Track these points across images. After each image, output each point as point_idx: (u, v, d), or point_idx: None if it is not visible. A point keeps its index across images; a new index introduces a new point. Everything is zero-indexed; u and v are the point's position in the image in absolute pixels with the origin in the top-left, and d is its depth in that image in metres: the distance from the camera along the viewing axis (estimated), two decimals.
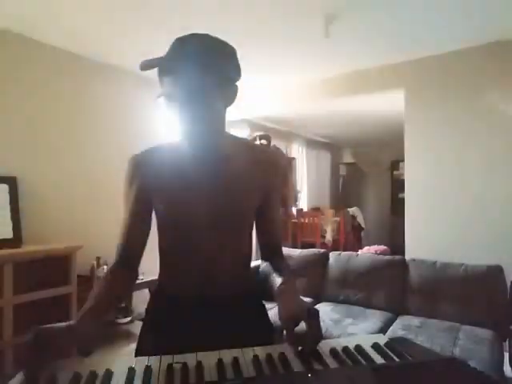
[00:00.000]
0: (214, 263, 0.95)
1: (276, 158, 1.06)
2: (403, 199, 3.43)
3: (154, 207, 0.97)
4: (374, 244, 4.79)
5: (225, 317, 0.94)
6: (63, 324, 0.73)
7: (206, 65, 0.83)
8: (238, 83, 0.92)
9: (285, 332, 0.76)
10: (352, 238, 6.90)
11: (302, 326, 0.76)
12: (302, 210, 6.79)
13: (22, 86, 2.85)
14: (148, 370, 0.69)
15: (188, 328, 0.92)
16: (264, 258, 1.07)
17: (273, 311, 0.90)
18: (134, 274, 0.99)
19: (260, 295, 1.06)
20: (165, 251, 1.01)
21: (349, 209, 7.00)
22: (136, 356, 0.92)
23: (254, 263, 1.07)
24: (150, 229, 0.99)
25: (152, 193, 0.95)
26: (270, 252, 1.06)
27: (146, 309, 1.04)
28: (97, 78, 3.34)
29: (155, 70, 0.87)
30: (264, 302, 1.07)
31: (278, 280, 0.91)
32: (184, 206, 0.93)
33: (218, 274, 0.95)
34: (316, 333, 0.74)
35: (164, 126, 3.90)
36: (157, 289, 1.04)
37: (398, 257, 2.92)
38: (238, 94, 0.93)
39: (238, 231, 0.98)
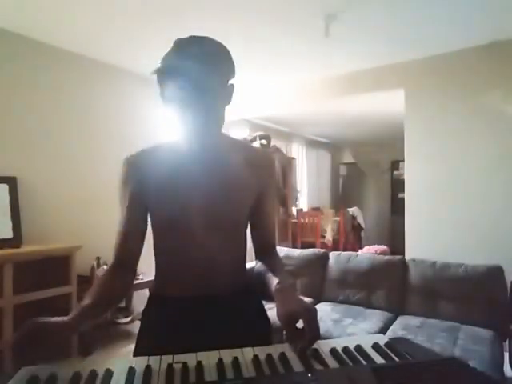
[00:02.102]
0: (211, 263, 0.95)
1: (270, 158, 1.08)
2: (403, 199, 3.43)
3: (149, 208, 0.97)
4: (374, 244, 4.80)
5: (224, 316, 0.93)
6: (59, 319, 0.75)
7: (206, 66, 0.85)
8: (233, 82, 0.94)
9: (284, 330, 0.77)
10: (352, 237, 6.90)
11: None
12: (301, 209, 6.79)
13: (21, 87, 2.84)
14: (148, 369, 0.69)
15: (186, 328, 0.92)
16: (258, 257, 1.07)
17: (273, 311, 0.90)
18: (132, 274, 0.99)
19: (258, 294, 1.05)
20: (161, 252, 1.00)
21: (349, 209, 7.00)
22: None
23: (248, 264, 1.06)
24: (146, 229, 0.99)
25: (147, 193, 0.95)
26: (265, 251, 1.06)
27: (143, 311, 1.03)
28: (96, 77, 3.33)
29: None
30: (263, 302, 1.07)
31: (274, 279, 0.91)
32: (181, 206, 0.93)
33: (216, 274, 0.95)
34: (314, 331, 0.74)
35: (163, 125, 3.90)
36: (153, 290, 1.03)
37: (398, 257, 2.91)
38: (239, 94, 0.95)
39: (234, 230, 0.99)
